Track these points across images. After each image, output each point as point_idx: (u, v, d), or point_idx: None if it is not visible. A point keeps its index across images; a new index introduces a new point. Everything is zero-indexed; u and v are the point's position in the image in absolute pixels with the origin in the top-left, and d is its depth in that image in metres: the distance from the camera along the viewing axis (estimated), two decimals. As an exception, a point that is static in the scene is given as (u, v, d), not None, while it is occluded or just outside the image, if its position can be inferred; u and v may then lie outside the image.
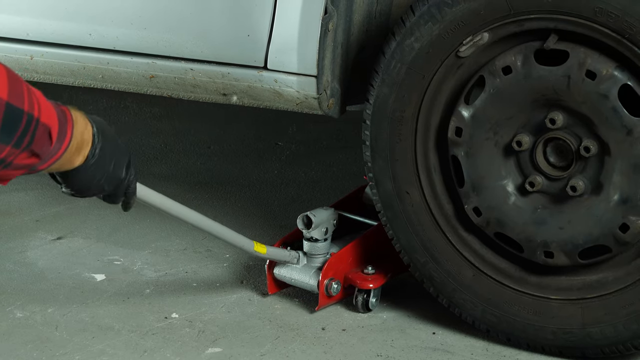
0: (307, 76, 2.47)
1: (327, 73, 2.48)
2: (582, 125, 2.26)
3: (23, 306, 2.66)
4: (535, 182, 2.33)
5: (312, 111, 2.52)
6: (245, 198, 3.46)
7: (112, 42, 2.67)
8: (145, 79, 2.67)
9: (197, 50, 2.58)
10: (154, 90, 2.69)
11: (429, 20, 2.34)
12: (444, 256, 2.46)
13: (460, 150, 2.38)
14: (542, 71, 2.25)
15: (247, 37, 2.51)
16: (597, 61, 2.20)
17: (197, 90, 2.63)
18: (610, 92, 2.20)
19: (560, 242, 2.31)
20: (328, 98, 2.50)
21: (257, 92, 2.55)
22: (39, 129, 1.64)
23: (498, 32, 2.29)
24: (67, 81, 2.79)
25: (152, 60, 2.63)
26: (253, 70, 2.53)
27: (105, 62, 2.70)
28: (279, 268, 2.65)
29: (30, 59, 2.79)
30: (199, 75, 2.60)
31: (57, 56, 2.76)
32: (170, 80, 2.64)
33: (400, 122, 2.44)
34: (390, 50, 2.41)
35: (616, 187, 2.25)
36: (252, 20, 2.49)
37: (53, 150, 1.71)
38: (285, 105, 2.54)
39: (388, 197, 2.50)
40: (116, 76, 2.70)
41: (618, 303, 2.30)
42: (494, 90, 2.31)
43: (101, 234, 3.10)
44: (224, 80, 2.57)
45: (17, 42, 2.79)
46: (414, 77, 2.39)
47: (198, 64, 2.59)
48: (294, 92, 2.50)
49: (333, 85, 2.50)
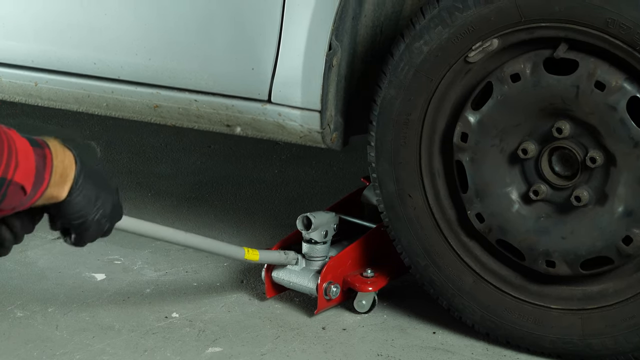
0: (310, 111, 2.49)
1: (331, 108, 2.49)
2: (588, 136, 2.26)
3: (23, 305, 2.65)
4: (539, 190, 2.32)
5: (316, 144, 2.54)
6: (246, 198, 3.46)
7: (117, 71, 2.68)
8: (149, 109, 2.69)
9: (202, 82, 2.59)
10: (158, 119, 2.70)
11: (439, 24, 2.33)
12: (445, 261, 2.46)
13: (465, 156, 2.37)
14: (551, 80, 2.24)
15: (252, 70, 2.52)
16: (607, 72, 2.20)
17: (201, 120, 2.64)
18: (619, 104, 2.19)
19: (563, 251, 2.31)
20: (331, 132, 2.51)
21: (260, 124, 2.56)
22: (10, 188, 1.69)
23: (508, 38, 2.29)
24: (71, 107, 2.81)
25: (157, 90, 2.65)
26: (257, 103, 2.54)
27: (110, 91, 2.71)
28: (277, 271, 2.64)
29: (34, 85, 2.81)
30: (203, 107, 2.61)
31: (61, 84, 2.78)
32: (174, 110, 2.65)
33: (406, 125, 2.43)
34: (399, 52, 2.40)
35: (621, 199, 2.25)
36: (256, 54, 2.50)
37: (27, 197, 1.74)
38: (289, 138, 2.56)
39: (391, 199, 2.50)
40: (120, 105, 2.72)
41: (619, 315, 2.29)
42: (502, 97, 2.30)
43: (102, 234, 3.09)
44: (228, 112, 2.58)
45: (22, 69, 2.82)
46: (421, 80, 2.38)
47: (202, 95, 2.60)
48: (298, 126, 2.51)
49: (336, 119, 2.51)
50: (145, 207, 3.34)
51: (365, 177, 2.91)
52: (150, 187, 3.54)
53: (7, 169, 1.68)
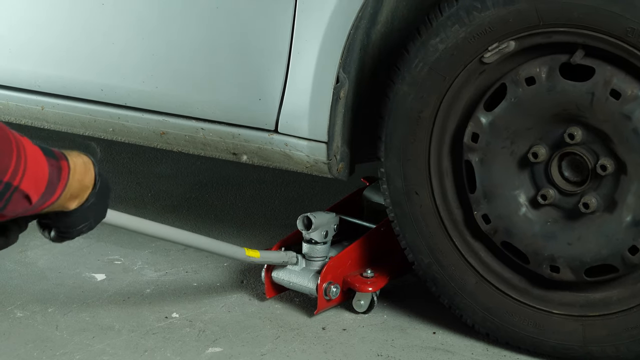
0: (317, 142, 2.49)
1: (338, 139, 2.49)
2: (600, 143, 2.25)
3: (23, 306, 2.64)
4: (547, 195, 2.32)
5: (322, 174, 2.54)
6: (246, 198, 3.45)
7: (124, 98, 2.69)
8: (155, 135, 2.69)
9: (209, 110, 2.59)
10: (164, 145, 2.71)
11: (456, 22, 2.32)
12: (449, 260, 2.46)
13: (475, 156, 2.37)
14: (567, 85, 2.24)
15: (259, 100, 2.52)
16: (623, 81, 2.20)
17: (208, 148, 2.65)
18: (634, 113, 2.19)
19: (568, 257, 2.31)
20: (338, 163, 2.51)
21: (267, 153, 2.56)
22: (15, 195, 1.67)
23: (525, 41, 2.28)
24: (78, 131, 2.82)
25: (163, 117, 2.66)
26: (264, 133, 2.54)
27: (116, 116, 2.71)
28: (277, 271, 2.64)
29: (41, 109, 2.82)
30: (209, 135, 2.61)
31: (68, 108, 2.79)
32: (180, 137, 2.66)
33: (417, 122, 2.42)
34: (414, 49, 2.39)
35: (629, 208, 2.24)
36: (264, 85, 2.50)
37: (34, 205, 1.72)
38: (295, 167, 2.56)
39: (397, 195, 2.49)
40: (127, 130, 2.72)
41: (621, 324, 2.29)
42: (515, 99, 2.30)
43: (102, 234, 3.04)
44: (235, 140, 2.58)
45: (28, 93, 2.82)
46: (435, 78, 2.38)
47: (209, 123, 2.60)
48: (304, 156, 2.51)
49: (343, 149, 2.51)
50: (145, 207, 3.34)
51: (365, 177, 2.90)
52: (150, 187, 3.54)
53: (15, 175, 1.65)
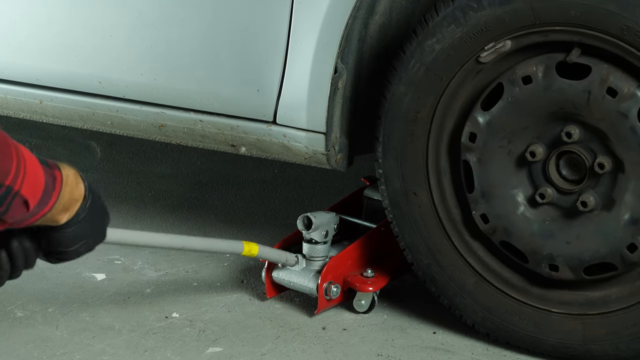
0: (316, 133, 2.49)
1: (336, 130, 2.49)
2: (598, 142, 2.25)
3: (23, 305, 2.64)
4: (545, 194, 2.32)
5: (320, 166, 2.54)
6: (246, 198, 3.45)
7: (122, 90, 2.69)
8: (154, 128, 2.69)
9: (207, 102, 2.59)
10: (163, 138, 2.71)
11: (452, 22, 2.32)
12: (448, 260, 2.46)
13: (473, 156, 2.37)
14: (563, 84, 2.24)
15: (257, 92, 2.52)
16: (620, 79, 2.20)
17: (206, 140, 2.65)
18: (630, 112, 2.19)
19: (567, 256, 2.31)
20: (336, 154, 2.51)
21: (265, 145, 2.56)
22: (16, 200, 1.67)
23: (521, 40, 2.28)
24: (76, 125, 2.82)
25: (162, 110, 2.65)
26: (262, 125, 2.54)
27: (115, 109, 2.71)
28: (278, 271, 2.63)
29: (39, 103, 2.81)
30: (208, 127, 2.61)
31: (66, 102, 2.78)
32: (179, 130, 2.66)
33: (414, 123, 2.42)
34: (410, 49, 2.39)
35: (627, 206, 2.24)
36: (262, 76, 2.50)
37: (30, 213, 1.72)
38: (294, 159, 2.56)
39: (396, 196, 2.49)
40: (125, 123, 2.73)
41: (621, 322, 2.29)
42: (512, 98, 2.30)
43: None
44: (233, 132, 2.59)
45: (27, 86, 2.82)
46: (432, 78, 2.38)
47: (207, 115, 2.61)
48: (303, 147, 2.51)
49: (341, 140, 2.51)
50: (145, 207, 3.34)
51: (365, 177, 2.90)
52: (150, 187, 3.54)
53: (16, 179, 1.66)
